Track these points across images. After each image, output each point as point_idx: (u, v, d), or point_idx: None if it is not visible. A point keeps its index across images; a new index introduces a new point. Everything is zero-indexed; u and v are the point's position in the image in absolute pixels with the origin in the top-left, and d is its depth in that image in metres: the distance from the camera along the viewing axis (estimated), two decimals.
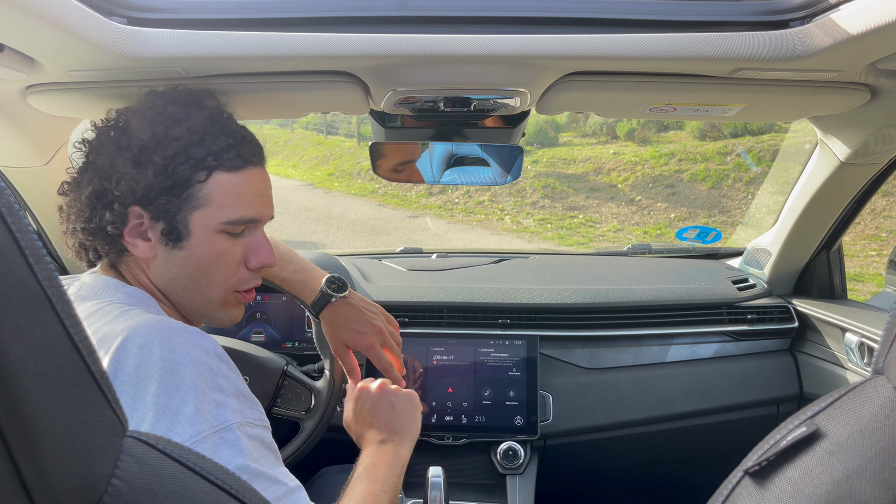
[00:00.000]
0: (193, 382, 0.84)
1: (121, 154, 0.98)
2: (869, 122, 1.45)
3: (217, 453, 0.82)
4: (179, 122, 1.01)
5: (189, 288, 1.05)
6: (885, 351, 0.60)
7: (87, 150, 1.05)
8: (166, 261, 1.03)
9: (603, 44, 1.04)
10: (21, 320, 0.43)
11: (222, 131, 1.04)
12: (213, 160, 1.01)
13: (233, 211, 1.03)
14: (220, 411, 0.85)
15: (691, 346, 2.02)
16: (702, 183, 10.61)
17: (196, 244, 1.02)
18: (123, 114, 1.05)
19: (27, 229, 0.45)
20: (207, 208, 1.01)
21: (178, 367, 0.84)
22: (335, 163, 14.78)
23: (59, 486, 0.45)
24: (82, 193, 1.01)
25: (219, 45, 1.02)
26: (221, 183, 1.02)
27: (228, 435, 0.84)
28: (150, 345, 0.85)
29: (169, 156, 0.98)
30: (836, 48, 1.00)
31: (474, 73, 1.12)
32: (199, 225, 1.01)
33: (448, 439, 1.84)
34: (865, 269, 7.18)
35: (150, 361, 0.84)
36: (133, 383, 0.82)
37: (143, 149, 0.98)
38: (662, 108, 1.31)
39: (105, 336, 0.87)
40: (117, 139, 1.01)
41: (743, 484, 0.66)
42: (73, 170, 1.08)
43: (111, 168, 0.99)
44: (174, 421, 0.81)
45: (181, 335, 0.89)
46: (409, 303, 1.99)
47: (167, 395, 0.82)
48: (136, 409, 0.81)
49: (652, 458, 2.14)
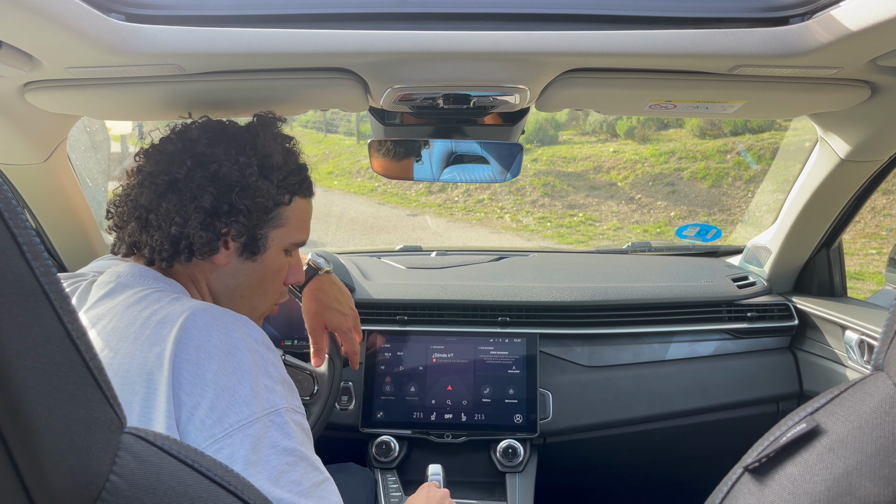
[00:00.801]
0: (249, 367, 0.90)
1: (249, 167, 1.06)
2: (869, 119, 1.45)
3: (267, 434, 0.87)
4: (290, 143, 1.17)
5: (245, 296, 1.14)
6: (885, 347, 0.60)
7: (201, 158, 1.06)
8: (235, 270, 1.11)
9: (603, 40, 1.04)
10: (19, 316, 0.43)
11: (300, 160, 1.19)
12: (297, 186, 1.14)
13: (301, 233, 1.18)
14: (270, 395, 0.91)
15: (691, 344, 2.02)
16: (702, 181, 10.61)
17: (268, 259, 1.12)
18: (247, 127, 1.15)
19: (25, 225, 0.45)
20: (284, 228, 1.13)
21: (234, 351, 0.90)
22: (334, 161, 14.76)
23: (57, 483, 0.45)
24: (188, 196, 1.03)
25: (217, 42, 1.02)
26: (297, 208, 1.15)
27: (278, 418, 0.89)
28: (210, 328, 0.91)
29: (283, 175, 1.11)
30: (837, 45, 1.00)
31: (473, 70, 1.12)
32: (275, 242, 1.12)
33: (448, 437, 1.84)
34: (865, 267, 7.18)
35: (210, 343, 0.89)
36: (194, 361, 0.87)
37: (270, 166, 1.09)
38: (662, 105, 1.31)
39: (165, 317, 0.92)
40: (241, 149, 1.08)
41: (743, 480, 0.66)
42: (158, 174, 1.07)
43: (241, 179, 1.05)
44: (231, 401, 0.86)
45: (235, 322, 0.95)
46: (408, 301, 1.99)
47: (226, 375, 0.88)
48: (196, 386, 0.86)
49: (651, 455, 2.14)
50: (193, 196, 1.03)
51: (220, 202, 1.04)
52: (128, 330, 0.92)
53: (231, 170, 1.05)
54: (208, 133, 1.11)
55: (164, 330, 0.90)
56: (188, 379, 0.86)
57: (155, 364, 0.87)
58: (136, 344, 0.90)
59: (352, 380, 1.91)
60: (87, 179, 1.88)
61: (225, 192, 1.04)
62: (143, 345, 0.90)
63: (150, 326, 0.91)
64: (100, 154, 2.95)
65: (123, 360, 0.89)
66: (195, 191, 1.03)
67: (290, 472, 0.87)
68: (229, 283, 1.11)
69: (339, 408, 1.89)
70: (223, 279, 1.11)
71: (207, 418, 0.84)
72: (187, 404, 0.85)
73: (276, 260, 1.14)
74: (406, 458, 1.87)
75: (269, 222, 1.10)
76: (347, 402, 1.90)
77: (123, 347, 0.91)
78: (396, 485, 1.75)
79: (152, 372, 0.87)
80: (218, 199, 1.04)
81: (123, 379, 0.88)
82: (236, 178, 1.05)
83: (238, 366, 0.89)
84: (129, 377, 0.88)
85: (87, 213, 1.79)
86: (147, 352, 0.89)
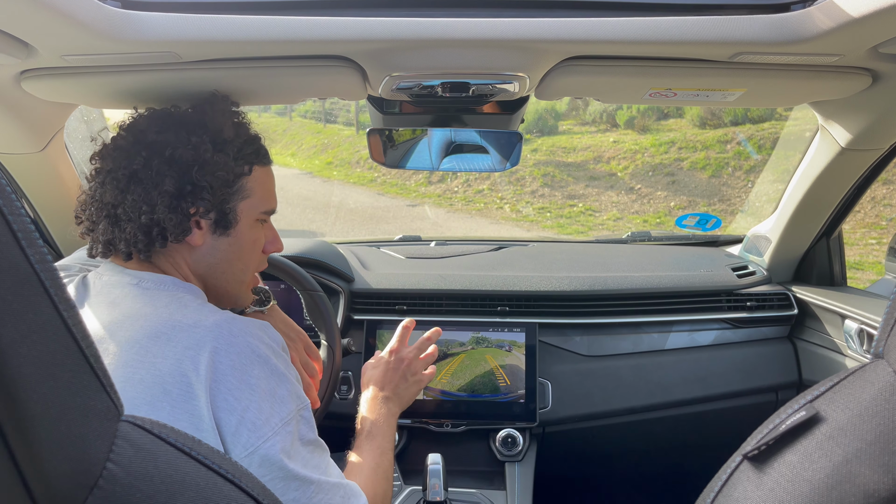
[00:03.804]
0: (281, 369, 0.99)
1: (202, 145, 1.08)
2: (870, 108, 1.44)
3: (300, 430, 0.98)
4: (239, 117, 1.18)
5: (227, 273, 1.16)
6: (885, 335, 0.60)
7: (154, 146, 1.08)
8: (211, 248, 1.12)
9: (602, 27, 1.03)
10: (13, 303, 0.43)
11: (251, 131, 1.20)
12: (254, 156, 1.15)
13: (268, 202, 1.19)
14: (298, 393, 1.01)
15: (690, 334, 2.02)
16: (702, 171, 10.59)
17: (241, 232, 1.14)
18: (191, 108, 1.16)
19: (19, 212, 0.45)
20: (251, 199, 1.14)
21: (267, 357, 0.98)
22: (334, 151, 14.73)
23: (54, 470, 0.45)
24: (150, 184, 1.05)
25: (214, 29, 1.01)
26: (259, 177, 1.16)
27: (305, 413, 1.01)
28: (243, 335, 0.97)
29: (238, 147, 1.12)
30: (838, 32, 0.99)
31: (472, 58, 1.11)
32: (245, 214, 1.14)
33: (447, 426, 1.84)
34: (865, 257, 7.18)
35: (248, 349, 0.96)
36: (238, 367, 0.93)
37: (223, 140, 1.10)
38: (662, 93, 1.30)
39: (195, 323, 0.96)
40: (191, 130, 1.09)
41: (742, 468, 0.66)
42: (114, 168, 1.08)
43: (197, 158, 1.06)
44: (274, 401, 0.95)
45: (262, 328, 1.02)
46: (407, 290, 1.99)
47: (266, 378, 0.95)
48: (243, 391, 0.92)
49: (651, 444, 2.14)
50: (155, 183, 1.05)
51: (183, 183, 1.06)
52: (158, 333, 0.95)
53: (185, 151, 1.06)
54: (156, 122, 1.12)
55: (195, 334, 0.94)
56: (234, 384, 0.91)
57: (190, 368, 0.90)
58: (167, 346, 0.93)
59: (351, 369, 1.91)
60: (85, 169, 1.87)
61: (184, 172, 1.06)
62: (174, 348, 0.92)
63: (180, 330, 0.95)
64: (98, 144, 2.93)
65: (155, 359, 0.91)
66: (155, 178, 1.05)
67: (313, 458, 0.99)
68: (210, 261, 1.13)
69: (338, 397, 1.89)
70: (203, 259, 1.13)
71: (257, 419, 0.91)
72: (237, 409, 0.90)
73: (250, 231, 1.16)
74: (405, 448, 1.88)
75: (234, 195, 1.12)
76: (347, 391, 1.91)
77: (155, 349, 0.93)
78: (396, 474, 1.75)
79: (187, 375, 0.90)
80: (179, 181, 1.06)
81: (154, 378, 0.90)
82: (192, 158, 1.06)
83: (274, 369, 0.97)
84: (161, 377, 0.90)
85: None
86: (181, 355, 0.92)
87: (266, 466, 0.91)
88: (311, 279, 1.62)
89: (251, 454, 0.90)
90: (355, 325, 1.98)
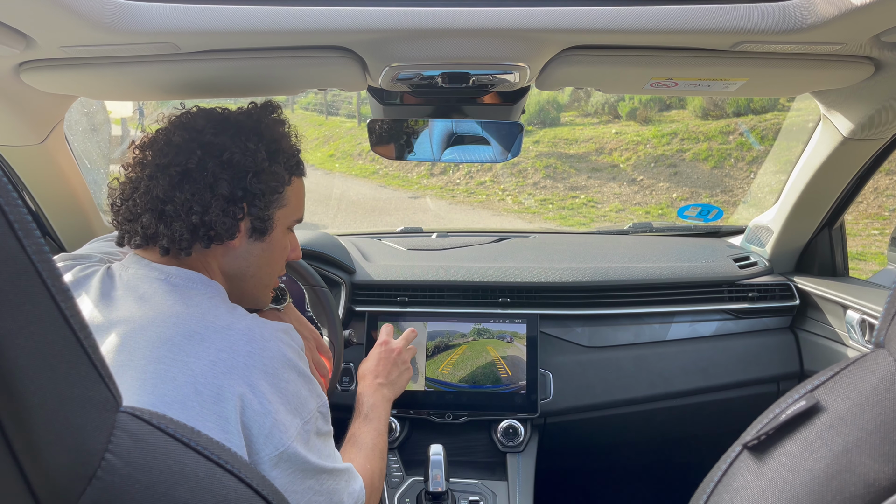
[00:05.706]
0: (305, 371, 1.05)
1: (259, 153, 1.09)
2: (872, 97, 1.44)
3: (318, 424, 1.04)
4: (288, 127, 1.20)
5: (256, 276, 1.18)
6: (886, 324, 0.60)
7: (211, 147, 1.07)
8: (246, 251, 1.14)
9: (603, 16, 1.02)
10: (10, 294, 0.42)
11: (295, 141, 1.23)
12: (295, 167, 1.19)
13: (300, 211, 1.23)
14: (318, 391, 1.07)
15: (692, 324, 2.02)
16: (704, 162, 10.56)
17: (274, 238, 1.16)
18: (243, 112, 1.16)
19: (16, 203, 0.45)
20: (287, 208, 1.17)
21: (295, 361, 1.02)
22: (336, 144, 14.71)
23: (53, 462, 0.45)
24: (204, 185, 1.05)
25: (213, 20, 1.01)
26: (296, 187, 1.19)
27: (323, 409, 1.07)
28: (274, 340, 1.01)
29: (286, 158, 1.15)
30: (840, 20, 0.99)
31: (472, 48, 1.11)
32: (280, 222, 1.16)
33: (448, 417, 1.85)
34: (868, 248, 7.16)
35: (279, 354, 1.00)
36: (270, 372, 0.97)
37: (276, 150, 1.13)
38: (663, 82, 1.30)
39: (228, 325, 0.99)
40: (248, 136, 1.10)
41: (742, 458, 0.66)
42: (172, 167, 1.07)
43: (253, 165, 1.08)
44: (300, 402, 1.00)
45: (286, 332, 1.06)
46: (408, 282, 1.99)
47: (294, 381, 1.00)
48: (274, 394, 0.96)
49: (652, 435, 2.14)
50: (209, 184, 1.05)
51: (236, 188, 1.07)
52: (192, 333, 0.96)
53: (242, 157, 1.07)
54: (213, 122, 1.11)
55: (229, 335, 0.97)
56: (267, 389, 0.95)
57: (223, 371, 0.93)
58: (201, 347, 0.95)
59: (353, 361, 1.91)
60: (86, 161, 1.87)
61: (240, 178, 1.07)
62: (207, 350, 0.94)
63: (214, 331, 0.97)
64: (100, 136, 2.95)
65: (189, 358, 0.93)
66: (210, 179, 1.05)
67: (325, 448, 1.05)
68: (241, 264, 1.15)
69: (339, 389, 1.90)
70: (235, 261, 1.14)
71: (287, 421, 0.96)
72: (270, 412, 0.94)
73: (281, 238, 1.19)
74: (407, 439, 1.88)
75: (274, 203, 1.14)
76: (349, 382, 1.91)
77: (189, 348, 0.94)
78: (398, 465, 1.76)
79: (219, 377, 0.92)
80: (233, 185, 1.06)
81: (187, 378, 0.91)
82: (248, 164, 1.08)
83: (301, 371, 1.03)
84: (194, 377, 0.91)
85: (86, 195, 1.78)
86: (215, 357, 0.94)
87: (289, 461, 0.95)
88: (317, 275, 1.62)
89: (281, 453, 0.93)
90: (356, 317, 1.98)
